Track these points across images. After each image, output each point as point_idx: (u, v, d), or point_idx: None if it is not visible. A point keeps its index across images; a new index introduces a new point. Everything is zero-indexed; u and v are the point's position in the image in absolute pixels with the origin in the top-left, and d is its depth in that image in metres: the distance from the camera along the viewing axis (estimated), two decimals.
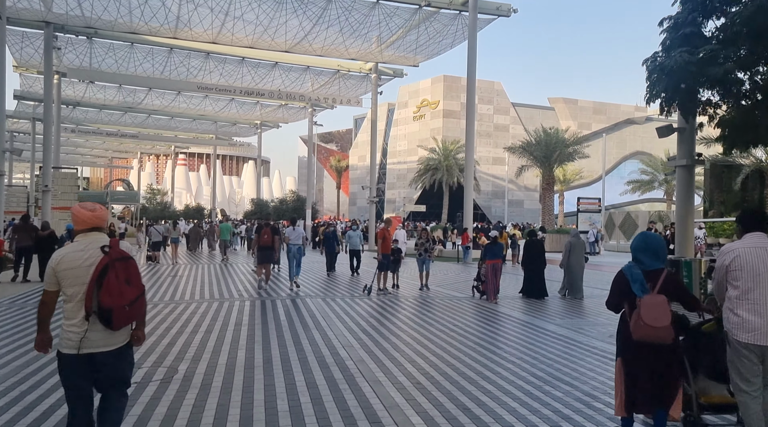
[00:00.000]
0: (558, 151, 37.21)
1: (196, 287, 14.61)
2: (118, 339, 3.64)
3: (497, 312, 11.48)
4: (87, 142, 70.25)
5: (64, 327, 3.58)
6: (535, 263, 13.95)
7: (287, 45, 32.84)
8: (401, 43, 32.45)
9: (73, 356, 3.54)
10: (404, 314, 11.08)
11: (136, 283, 3.66)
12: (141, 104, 47.31)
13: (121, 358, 3.68)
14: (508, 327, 9.95)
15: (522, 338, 8.99)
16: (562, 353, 7.85)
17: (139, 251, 30.44)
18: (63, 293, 3.59)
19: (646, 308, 4.13)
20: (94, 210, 3.74)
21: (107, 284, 3.48)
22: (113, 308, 3.47)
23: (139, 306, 3.66)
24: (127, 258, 3.66)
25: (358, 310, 11.33)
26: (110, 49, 33.89)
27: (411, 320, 10.28)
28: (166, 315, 10.42)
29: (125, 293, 3.53)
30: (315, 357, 7.35)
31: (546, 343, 8.54)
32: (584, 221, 33.27)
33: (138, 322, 3.77)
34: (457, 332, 9.28)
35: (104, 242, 3.65)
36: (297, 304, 11.96)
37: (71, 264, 3.56)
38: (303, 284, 15.49)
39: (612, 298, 4.55)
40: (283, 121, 56.06)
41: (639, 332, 4.15)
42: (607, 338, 8.65)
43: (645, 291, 4.20)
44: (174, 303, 11.92)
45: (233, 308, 11.28)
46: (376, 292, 13.87)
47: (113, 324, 3.50)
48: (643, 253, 4.42)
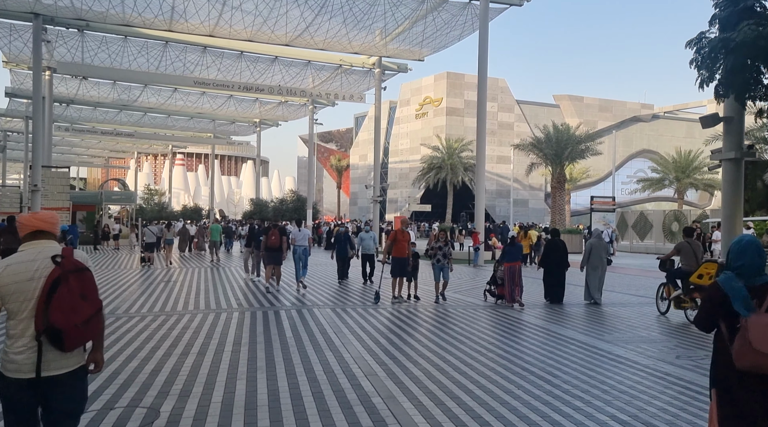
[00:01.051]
0: (570, 148, 35.83)
1: (191, 295, 13.22)
2: (72, 361, 3.20)
3: (518, 320, 10.10)
4: (82, 142, 68.84)
5: (6, 349, 3.16)
6: (558, 266, 13.07)
7: (287, 38, 31.44)
8: (407, 36, 31.07)
9: (19, 381, 3.12)
10: (422, 326, 9.69)
11: (93, 298, 3.23)
12: (136, 102, 45.90)
13: (75, 385, 3.23)
14: (531, 337, 8.61)
15: (544, 346, 7.82)
16: (587, 363, 6.48)
17: (132, 252, 29.25)
18: (5, 308, 3.18)
19: (756, 331, 3.08)
20: (35, 213, 3.36)
21: (58, 299, 3.09)
22: (64, 326, 3.06)
23: (96, 324, 3.23)
24: (83, 269, 3.23)
25: (375, 323, 9.95)
26: (103, 42, 32.47)
27: (430, 333, 8.89)
28: (154, 331, 9.03)
29: (79, 309, 3.12)
30: (332, 390, 5.96)
31: (569, 352, 7.25)
32: (598, 220, 31.91)
33: (95, 343, 3.35)
34: (486, 346, 7.91)
35: (55, 251, 3.24)
36: (304, 316, 10.58)
37: (16, 277, 3.15)
38: (311, 292, 14.14)
39: (704, 316, 3.42)
40: (282, 119, 54.67)
41: (746, 360, 3.12)
42: (626, 345, 7.32)
43: (750, 309, 3.15)
44: (164, 315, 10.54)
45: (231, 321, 9.89)
46: (391, 300, 12.56)
47: (65, 345, 3.09)
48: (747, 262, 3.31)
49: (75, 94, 43.45)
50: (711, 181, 45.81)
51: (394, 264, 12.77)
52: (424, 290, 13.79)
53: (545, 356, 7.64)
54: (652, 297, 13.21)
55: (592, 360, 7.46)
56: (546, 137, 37.57)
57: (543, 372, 6.81)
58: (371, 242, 15.96)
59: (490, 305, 12.61)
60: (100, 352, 3.38)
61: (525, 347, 8.21)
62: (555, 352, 7.93)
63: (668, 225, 34.77)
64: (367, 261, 15.89)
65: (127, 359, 7.17)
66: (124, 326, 9.38)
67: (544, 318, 10.87)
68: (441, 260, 12.61)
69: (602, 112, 68.82)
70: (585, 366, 7.13)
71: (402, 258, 12.69)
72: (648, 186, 48.51)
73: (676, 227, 34.27)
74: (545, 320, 10.70)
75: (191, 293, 13.52)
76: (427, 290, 13.96)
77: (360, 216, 68.06)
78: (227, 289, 14.49)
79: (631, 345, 8.48)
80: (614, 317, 11.15)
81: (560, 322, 10.46)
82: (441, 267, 12.62)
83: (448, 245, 12.97)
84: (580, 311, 11.91)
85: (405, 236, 12.79)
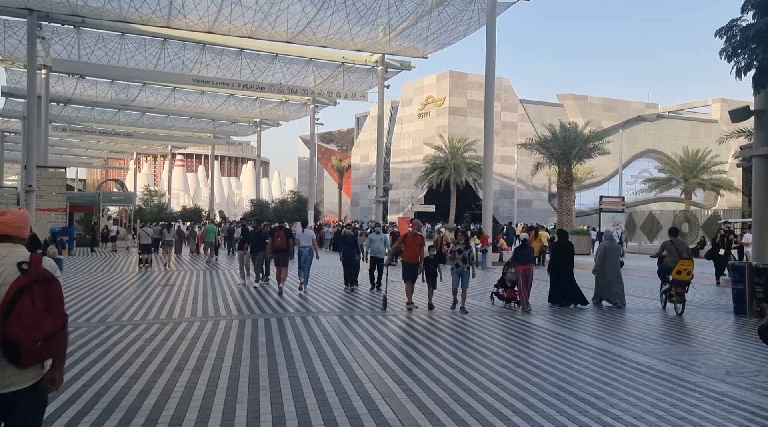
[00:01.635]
0: (578, 146, 35.03)
1: (188, 300, 12.43)
2: (30, 375, 2.94)
3: (540, 328, 9.32)
4: (81, 143, 68.09)
5: None
6: (566, 268, 12.70)
7: (289, 35, 30.68)
8: (411, 32, 30.30)
9: None
10: (438, 336, 8.89)
11: (58, 312, 2.94)
12: (135, 101, 45.13)
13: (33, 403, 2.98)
14: (546, 343, 7.87)
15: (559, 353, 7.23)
16: (629, 380, 5.69)
17: (128, 254, 28.50)
18: None
19: None
20: (3, 213, 3.07)
21: (20, 311, 2.80)
22: (23, 341, 2.78)
23: (59, 341, 2.96)
24: (50, 280, 2.94)
25: (387, 333, 9.16)
26: (99, 39, 31.70)
27: (447, 344, 8.10)
28: (146, 342, 8.24)
29: (41, 324, 2.85)
30: (347, 417, 5.17)
31: (587, 359, 6.55)
32: (607, 221, 31.15)
33: (55, 361, 3.05)
34: (511, 359, 7.13)
35: (22, 257, 2.96)
36: (309, 324, 9.79)
37: None
38: (316, 298, 13.38)
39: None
40: (283, 118, 53.90)
41: None
42: (665, 358, 6.54)
43: None
44: (158, 323, 9.76)
45: (231, 331, 9.10)
46: (405, 305, 11.68)
47: (21, 361, 2.82)
48: None
49: (72, 94, 42.69)
50: (719, 182, 45.05)
51: (405, 269, 11.88)
52: (441, 298, 12.91)
53: (593, 377, 6.85)
54: (643, 297, 12.47)
55: (634, 376, 6.68)
56: (553, 136, 36.77)
57: (592, 397, 6.02)
58: (381, 245, 14.60)
59: (500, 309, 12.03)
60: (60, 370, 3.07)
61: (559, 362, 7.42)
62: (601, 370, 7.14)
63: (678, 226, 33.97)
64: (376, 265, 14.69)
65: (113, 377, 6.39)
66: (114, 337, 8.60)
67: (553, 320, 10.08)
68: (460, 265, 11.30)
69: (606, 112, 68.02)
70: (629, 385, 6.34)
71: (413, 264, 11.70)
72: (655, 186, 47.70)
73: (687, 227, 33.50)
74: (555, 322, 9.91)
75: (188, 299, 12.74)
76: (445, 296, 13.07)
77: (362, 217, 67.27)
78: (227, 294, 13.70)
79: (670, 358, 7.69)
80: (641, 325, 10.37)
81: (570, 324, 9.68)
82: (460, 273, 11.33)
83: (470, 248, 11.55)
84: (602, 317, 11.14)
85: (416, 239, 11.68)
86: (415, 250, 11.66)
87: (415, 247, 11.64)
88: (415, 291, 12.15)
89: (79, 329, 9.15)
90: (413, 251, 11.68)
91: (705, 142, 60.74)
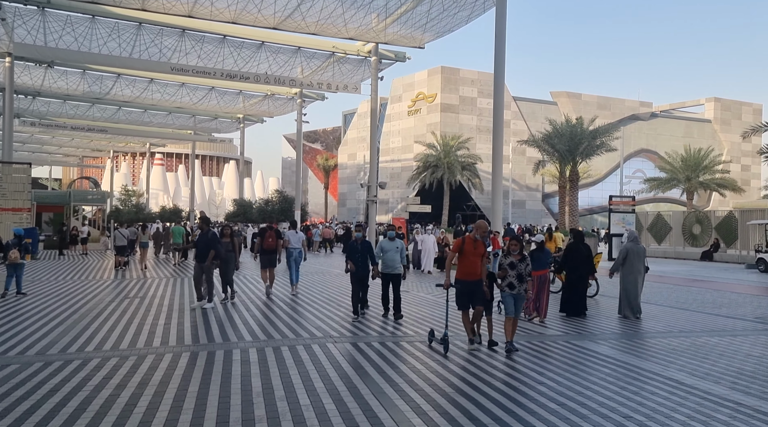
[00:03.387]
0: (586, 142, 32.97)
1: (159, 320, 9.97)
2: None
3: (590, 352, 7.08)
4: (54, 140, 64.86)
5: None
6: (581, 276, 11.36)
7: (276, 20, 28.25)
8: (409, 17, 28.04)
9: None
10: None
11: None
12: (109, 95, 42.31)
13: None
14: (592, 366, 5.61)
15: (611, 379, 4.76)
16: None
17: (102, 258, 25.89)
18: None
19: None
20: None
21: None
22: None
23: None
24: None
25: (439, 383, 6.83)
26: (67, 23, 28.95)
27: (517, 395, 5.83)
28: (94, 392, 5.82)
29: None
30: None
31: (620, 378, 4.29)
32: (617, 222, 29.12)
33: None
34: None
35: None
36: (316, 356, 7.43)
37: None
38: (313, 310, 11.03)
39: None
40: (267, 114, 51.36)
41: None
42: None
43: None
44: (117, 356, 7.33)
45: (215, 373, 6.71)
46: (467, 344, 8.21)
47: None
48: None
49: (41, 86, 39.77)
50: (723, 181, 43.41)
51: (461, 291, 8.18)
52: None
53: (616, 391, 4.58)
54: (707, 313, 10.42)
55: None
56: (557, 132, 34.71)
57: None
58: (396, 255, 10.77)
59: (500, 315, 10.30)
60: None
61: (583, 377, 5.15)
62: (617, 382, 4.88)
63: (689, 227, 32.13)
64: (392, 283, 10.75)
65: None
66: (51, 382, 6.16)
67: (570, 333, 7.84)
68: (515, 286, 8.10)
69: (601, 110, 66.33)
70: None
71: (473, 282, 8.09)
72: (656, 186, 45.94)
73: (698, 229, 31.65)
74: (573, 334, 7.66)
75: (159, 316, 10.27)
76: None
77: (349, 217, 64.88)
78: (205, 309, 11.26)
79: (741, 384, 5.48)
80: (724, 350, 8.15)
81: (587, 335, 7.43)
82: (516, 296, 8.14)
83: (527, 260, 8.31)
84: (626, 328, 8.91)
85: (478, 248, 8.17)
86: (475, 263, 8.11)
87: (475, 259, 8.11)
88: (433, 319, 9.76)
89: (6, 368, 6.71)
90: (473, 265, 8.11)
91: (698, 142, 59.40)
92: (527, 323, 10.34)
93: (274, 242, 13.66)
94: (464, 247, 8.16)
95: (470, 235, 8.31)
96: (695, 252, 30.83)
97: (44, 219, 38.70)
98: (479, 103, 59.43)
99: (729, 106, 74.60)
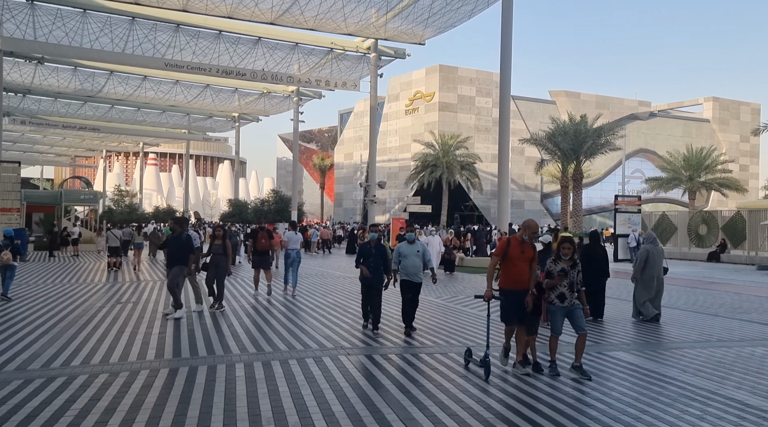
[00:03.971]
0: (590, 141, 32.28)
1: (152, 328, 9.18)
2: None
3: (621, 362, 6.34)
4: (46, 139, 63.84)
5: None
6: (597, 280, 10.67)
7: (273, 14, 27.52)
8: (411, 11, 27.35)
9: None
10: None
11: None
12: (101, 92, 41.42)
13: None
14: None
15: None
16: None
17: (96, 259, 25.03)
18: None
19: None
20: None
21: None
22: None
23: None
24: None
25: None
26: (58, 17, 28.12)
27: None
28: (79, 418, 5.03)
29: None
30: None
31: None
32: (623, 222, 28.46)
33: None
34: None
35: None
36: (329, 371, 6.66)
37: None
38: (318, 319, 10.26)
39: None
40: (263, 113, 50.58)
41: None
42: None
43: None
44: (107, 372, 6.54)
45: (217, 393, 5.93)
46: (515, 368, 6.89)
47: None
48: None
49: (31, 83, 38.85)
50: (726, 181, 42.84)
51: (508, 303, 6.87)
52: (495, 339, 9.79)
53: None
54: (739, 319, 9.74)
55: None
56: (561, 130, 34.01)
57: None
58: (417, 260, 8.95)
59: None
60: None
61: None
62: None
63: (695, 227, 31.51)
64: (411, 293, 9.00)
65: None
66: (30, 404, 5.37)
67: (661, 362, 7.11)
68: (567, 297, 6.78)
69: (599, 109, 65.58)
70: None
71: (522, 292, 6.79)
72: (657, 186, 45.33)
73: (704, 229, 31.03)
74: (665, 364, 6.93)
75: (153, 324, 9.47)
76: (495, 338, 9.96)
77: (345, 218, 64.08)
78: (203, 316, 10.47)
79: None
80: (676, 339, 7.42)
81: (679, 365, 6.70)
82: (569, 310, 6.80)
83: (578, 267, 6.95)
84: (659, 337, 8.17)
85: (526, 251, 6.86)
86: (524, 269, 6.84)
87: (523, 264, 6.84)
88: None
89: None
90: (521, 272, 6.83)
91: (697, 142, 58.89)
92: None
93: (267, 242, 13.61)
94: (509, 250, 6.87)
95: (517, 235, 7.03)
96: (701, 253, 30.19)
97: (35, 220, 37.73)
98: (477, 102, 58.73)
99: (727, 106, 74.17)
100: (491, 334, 7.57)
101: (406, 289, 9.02)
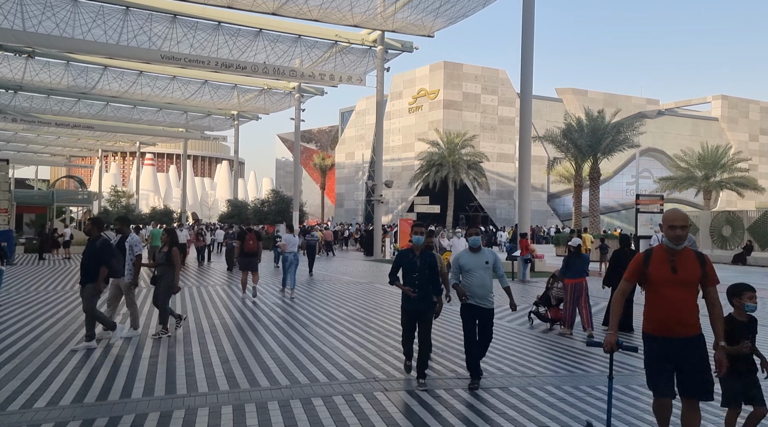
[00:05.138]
0: (609, 137, 30.83)
1: (145, 349, 7.66)
2: None
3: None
4: (39, 138, 62.13)
5: None
6: None
7: (275, 5, 26.02)
8: (420, 2, 25.85)
9: None
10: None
11: None
12: (96, 88, 39.78)
13: None
14: None
15: None
16: None
17: None
18: None
19: None
20: None
21: None
22: None
23: None
24: None
25: None
26: (47, 6, 26.55)
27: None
28: None
29: None
30: None
31: None
32: (644, 222, 26.92)
33: None
34: None
35: None
36: (364, 414, 5.15)
37: None
38: (357, 355, 8.74)
39: None
40: (263, 111, 48.98)
41: None
42: None
43: None
44: (79, 419, 5.02)
45: None
46: None
47: None
48: None
49: (21, 79, 37.18)
50: (744, 180, 41.42)
51: (656, 357, 4.20)
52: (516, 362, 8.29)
53: None
54: None
55: None
56: (578, 126, 32.55)
57: None
58: (487, 275, 6.36)
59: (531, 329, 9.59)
60: None
61: None
62: None
63: (718, 228, 30.09)
64: (479, 325, 6.36)
65: None
66: None
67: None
68: None
69: (607, 107, 64.30)
70: None
71: (682, 340, 4.15)
72: (671, 185, 43.90)
73: (728, 230, 29.62)
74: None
75: (138, 346, 7.96)
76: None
77: (347, 219, 62.62)
78: (201, 326, 8.95)
79: None
80: None
81: None
82: None
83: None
84: None
85: (689, 268, 4.17)
86: (684, 301, 4.17)
87: (680, 292, 4.16)
88: None
89: None
90: (677, 306, 4.14)
91: (705, 140, 57.56)
92: None
93: (255, 244, 13.66)
94: (650, 269, 4.19)
95: (661, 245, 4.27)
96: (725, 255, 28.75)
97: (25, 221, 36.26)
98: (483, 100, 57.30)
99: (736, 104, 72.82)
100: (614, 402, 4.97)
101: (470, 317, 6.31)
